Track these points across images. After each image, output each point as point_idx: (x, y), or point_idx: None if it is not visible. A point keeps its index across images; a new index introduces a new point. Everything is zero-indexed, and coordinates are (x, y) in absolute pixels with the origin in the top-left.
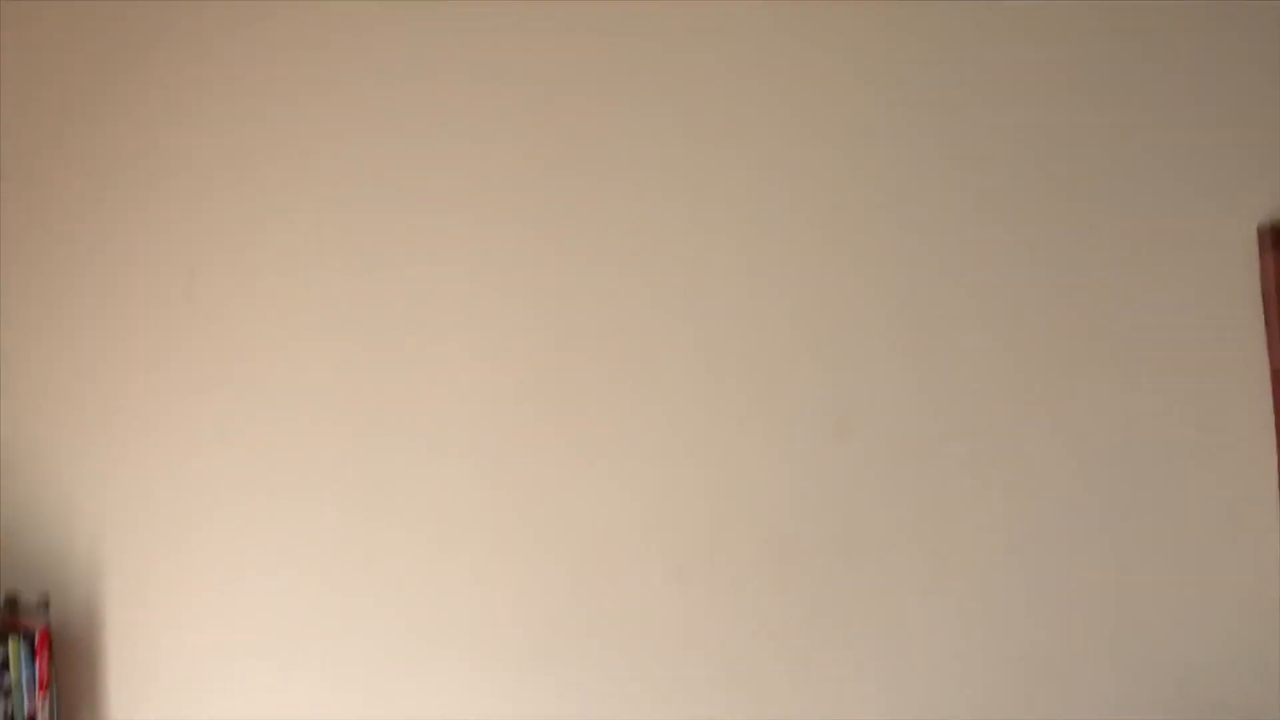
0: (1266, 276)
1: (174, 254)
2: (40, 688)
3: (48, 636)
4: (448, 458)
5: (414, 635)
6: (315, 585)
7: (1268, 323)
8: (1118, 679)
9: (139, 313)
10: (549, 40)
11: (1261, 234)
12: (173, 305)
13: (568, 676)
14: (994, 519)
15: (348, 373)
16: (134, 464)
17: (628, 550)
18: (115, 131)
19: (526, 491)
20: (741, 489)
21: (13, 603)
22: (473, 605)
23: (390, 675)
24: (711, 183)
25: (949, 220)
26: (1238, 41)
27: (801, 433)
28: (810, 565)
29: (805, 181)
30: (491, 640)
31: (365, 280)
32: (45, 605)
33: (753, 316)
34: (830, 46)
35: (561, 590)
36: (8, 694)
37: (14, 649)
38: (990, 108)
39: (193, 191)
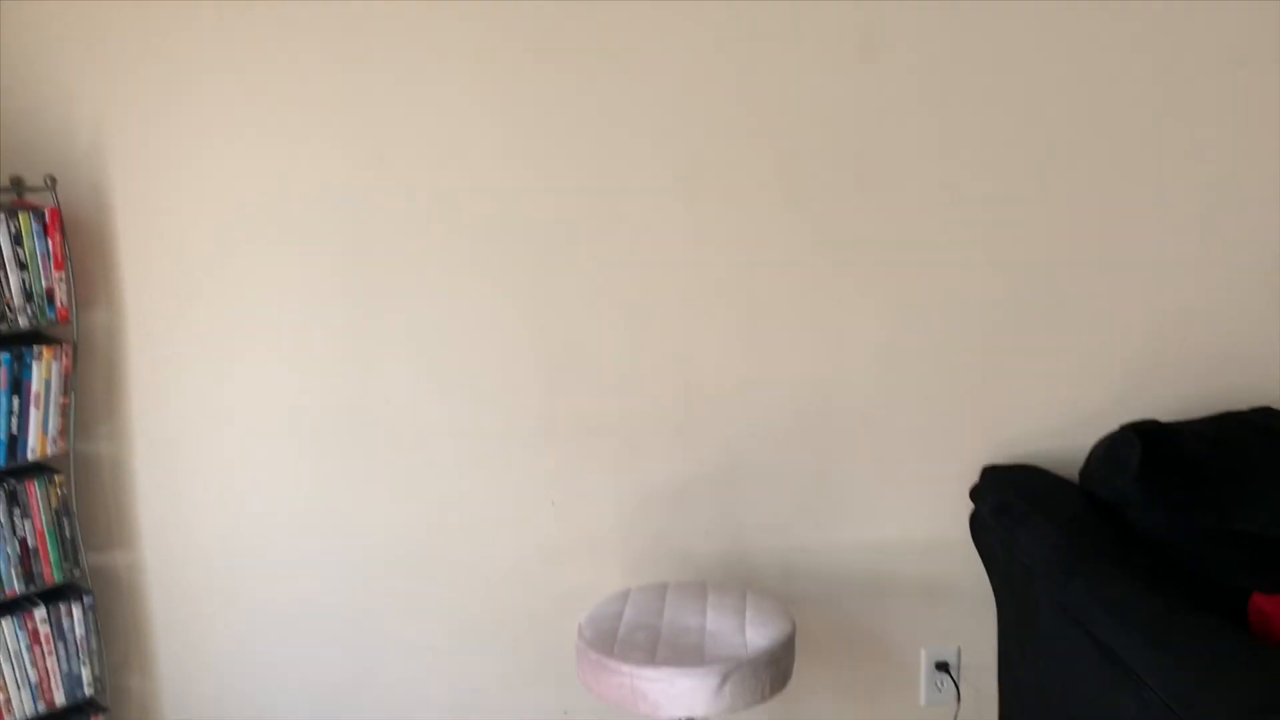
0: None
1: None
2: (55, 265)
3: (58, 215)
4: (453, 73)
5: (425, 250)
6: (323, 173)
7: None
8: (1113, 311)
9: None
10: None
11: None
12: None
13: (567, 284)
14: (1011, 148)
15: None
16: (137, 39)
17: (637, 157)
18: None
19: (535, 100)
20: (758, 101)
21: (18, 184)
22: (481, 212)
23: (394, 278)
24: None
25: None
26: None
27: (824, 48)
28: (822, 184)
29: None
30: (500, 246)
31: None
32: (53, 186)
33: None
34: None
35: (571, 193)
36: (24, 266)
37: (25, 223)
38: None
39: None
